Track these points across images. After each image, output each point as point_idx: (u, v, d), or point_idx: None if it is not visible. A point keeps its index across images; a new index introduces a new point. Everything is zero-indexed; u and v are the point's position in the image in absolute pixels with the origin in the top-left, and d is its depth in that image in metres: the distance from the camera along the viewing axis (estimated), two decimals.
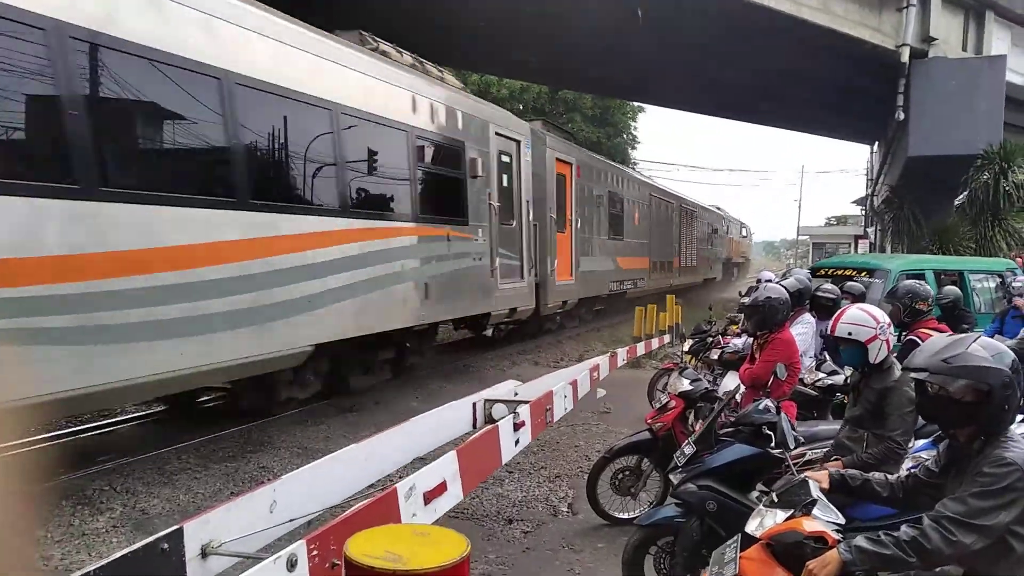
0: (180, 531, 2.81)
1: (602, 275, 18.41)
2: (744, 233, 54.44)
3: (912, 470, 2.85)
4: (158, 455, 6.76)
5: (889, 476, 2.92)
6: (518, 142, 12.48)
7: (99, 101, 5.56)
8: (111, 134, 5.78)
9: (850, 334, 3.72)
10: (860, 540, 2.43)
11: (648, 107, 39.86)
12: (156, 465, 6.55)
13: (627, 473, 5.42)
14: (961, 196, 19.21)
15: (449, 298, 10.24)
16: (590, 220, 17.34)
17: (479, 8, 17.30)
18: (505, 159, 12.02)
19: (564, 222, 15.20)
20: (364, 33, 9.29)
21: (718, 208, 40.48)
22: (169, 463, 6.64)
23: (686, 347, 8.51)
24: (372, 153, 8.67)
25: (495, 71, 29.24)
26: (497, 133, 11.63)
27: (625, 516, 5.39)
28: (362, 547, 2.14)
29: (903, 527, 2.43)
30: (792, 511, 2.68)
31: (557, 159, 14.62)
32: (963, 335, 2.59)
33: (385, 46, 9.48)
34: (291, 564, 2.57)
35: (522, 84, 32.35)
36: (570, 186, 15.57)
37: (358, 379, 9.38)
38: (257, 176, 7.09)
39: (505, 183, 11.99)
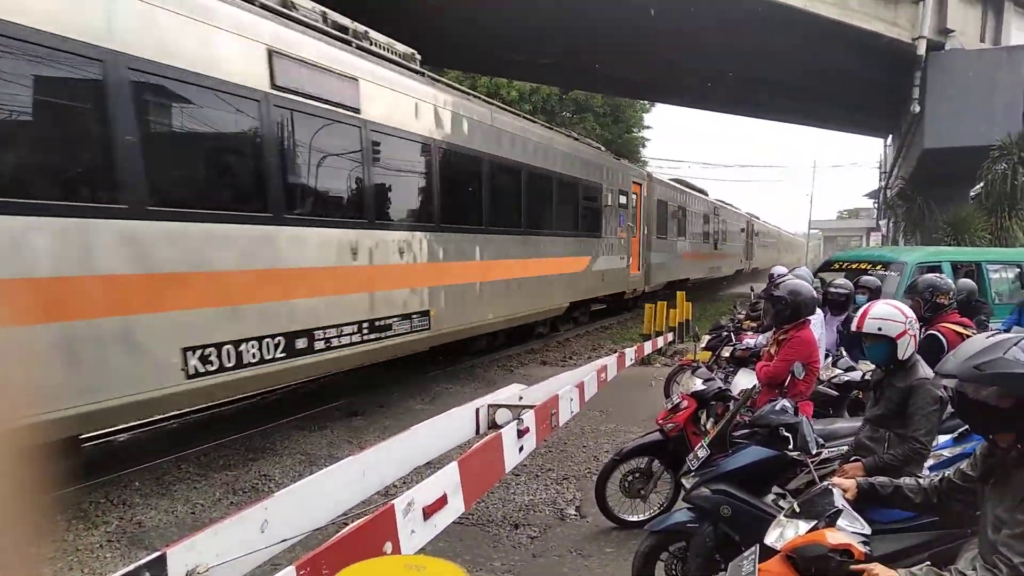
0: (163, 557, 2.61)
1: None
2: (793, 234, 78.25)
3: (946, 473, 2.63)
4: (156, 465, 6.60)
5: (920, 480, 2.71)
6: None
7: None
8: None
9: (880, 329, 3.52)
10: (925, 572, 2.20)
11: (659, 105, 39.72)
12: (154, 476, 6.38)
13: (637, 475, 5.24)
14: (977, 187, 18.93)
15: None
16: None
17: (490, 11, 17.13)
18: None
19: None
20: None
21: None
22: (168, 473, 6.48)
23: (703, 344, 8.40)
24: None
25: (506, 74, 28.99)
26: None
27: (635, 519, 5.24)
28: None
29: (979, 568, 2.19)
30: (815, 522, 2.48)
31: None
32: (1004, 337, 2.33)
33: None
34: None
35: (531, 85, 32.09)
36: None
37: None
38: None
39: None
